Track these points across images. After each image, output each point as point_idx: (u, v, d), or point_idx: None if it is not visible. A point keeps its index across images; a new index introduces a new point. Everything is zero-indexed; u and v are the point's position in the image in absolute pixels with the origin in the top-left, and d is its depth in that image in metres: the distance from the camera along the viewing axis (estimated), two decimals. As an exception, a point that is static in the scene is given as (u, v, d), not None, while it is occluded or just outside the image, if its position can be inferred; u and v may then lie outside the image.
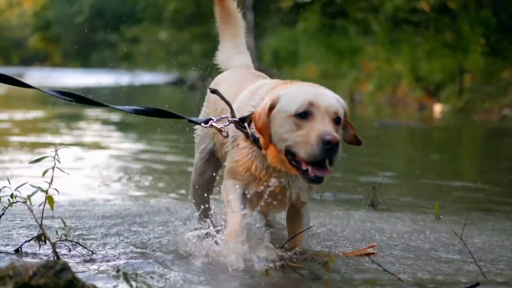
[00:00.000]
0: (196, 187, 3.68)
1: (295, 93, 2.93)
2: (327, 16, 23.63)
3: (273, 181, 3.03)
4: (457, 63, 15.72)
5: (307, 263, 3.09)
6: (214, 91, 3.20)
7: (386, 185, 5.50)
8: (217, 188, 3.90)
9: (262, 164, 3.05)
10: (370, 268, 3.10)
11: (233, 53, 3.81)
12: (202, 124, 3.23)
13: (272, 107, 2.93)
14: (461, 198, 5.40)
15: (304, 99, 2.88)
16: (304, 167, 2.84)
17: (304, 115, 2.85)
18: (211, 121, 3.20)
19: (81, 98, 3.33)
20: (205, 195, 3.73)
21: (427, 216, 4.28)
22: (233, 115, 3.12)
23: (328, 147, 2.76)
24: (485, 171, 7.31)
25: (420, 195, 5.54)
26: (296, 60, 22.43)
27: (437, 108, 15.42)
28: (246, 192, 3.14)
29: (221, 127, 3.15)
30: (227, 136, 3.16)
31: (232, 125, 3.14)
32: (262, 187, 3.08)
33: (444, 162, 7.98)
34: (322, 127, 2.81)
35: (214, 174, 3.69)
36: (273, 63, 23.73)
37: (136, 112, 3.36)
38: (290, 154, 2.89)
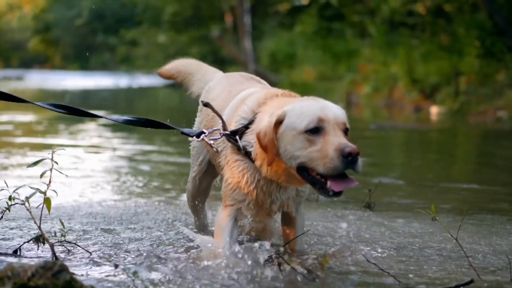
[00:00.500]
0: (194, 197, 3.70)
1: (301, 108, 2.86)
2: (324, 19, 23.67)
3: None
4: (453, 65, 15.73)
5: (303, 264, 3.08)
6: (206, 104, 3.17)
7: (382, 186, 5.51)
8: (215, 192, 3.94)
9: (253, 177, 3.02)
10: (367, 268, 3.12)
11: (209, 73, 3.82)
12: (194, 137, 3.22)
13: (277, 124, 2.88)
14: (457, 199, 5.38)
15: (313, 114, 2.82)
16: (326, 181, 2.80)
17: (315, 130, 2.80)
18: (203, 135, 3.17)
19: (74, 110, 3.34)
20: (201, 205, 3.76)
21: (423, 217, 4.29)
22: (225, 129, 3.08)
23: (350, 159, 2.72)
24: (481, 173, 7.32)
25: (416, 196, 5.54)
26: (294, 62, 22.43)
27: (433, 110, 15.44)
28: (239, 220, 3.12)
29: (211, 143, 3.15)
30: (217, 152, 3.17)
31: (224, 139, 3.11)
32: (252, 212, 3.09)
33: (440, 164, 7.98)
34: (337, 139, 2.77)
35: (210, 182, 3.71)
36: (270, 65, 23.77)
37: (128, 122, 3.34)
38: (304, 170, 2.85)
